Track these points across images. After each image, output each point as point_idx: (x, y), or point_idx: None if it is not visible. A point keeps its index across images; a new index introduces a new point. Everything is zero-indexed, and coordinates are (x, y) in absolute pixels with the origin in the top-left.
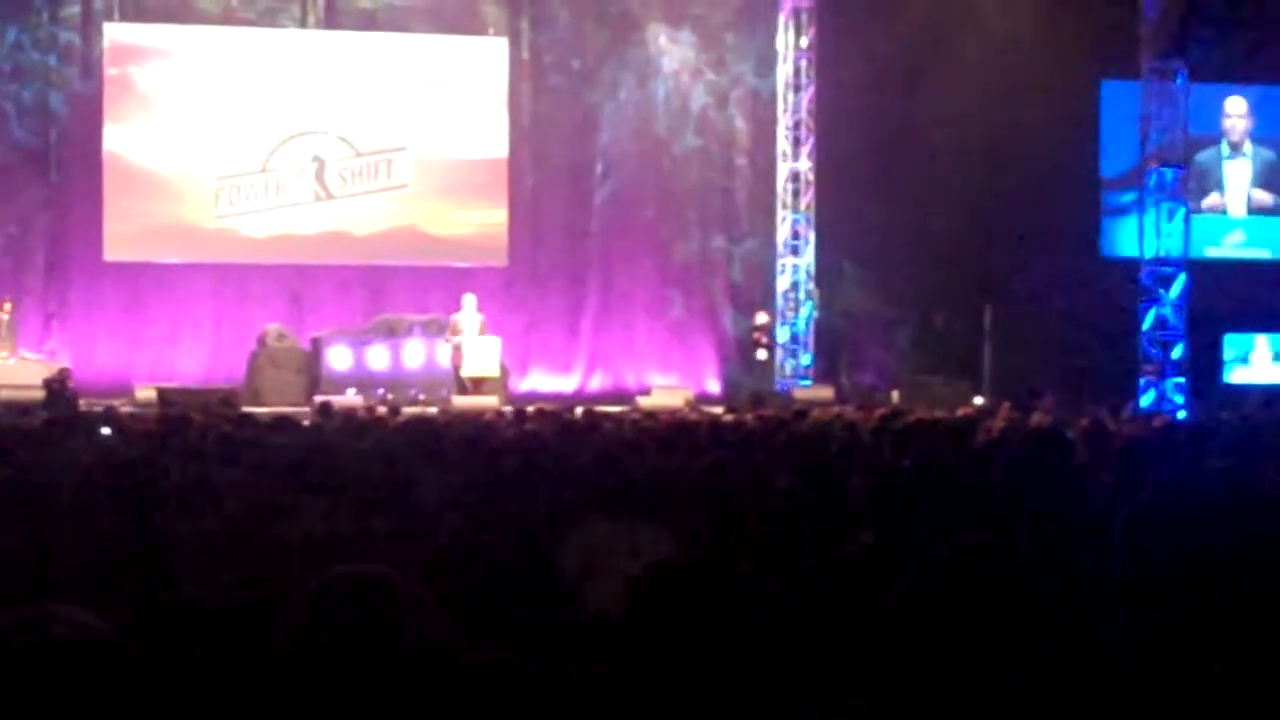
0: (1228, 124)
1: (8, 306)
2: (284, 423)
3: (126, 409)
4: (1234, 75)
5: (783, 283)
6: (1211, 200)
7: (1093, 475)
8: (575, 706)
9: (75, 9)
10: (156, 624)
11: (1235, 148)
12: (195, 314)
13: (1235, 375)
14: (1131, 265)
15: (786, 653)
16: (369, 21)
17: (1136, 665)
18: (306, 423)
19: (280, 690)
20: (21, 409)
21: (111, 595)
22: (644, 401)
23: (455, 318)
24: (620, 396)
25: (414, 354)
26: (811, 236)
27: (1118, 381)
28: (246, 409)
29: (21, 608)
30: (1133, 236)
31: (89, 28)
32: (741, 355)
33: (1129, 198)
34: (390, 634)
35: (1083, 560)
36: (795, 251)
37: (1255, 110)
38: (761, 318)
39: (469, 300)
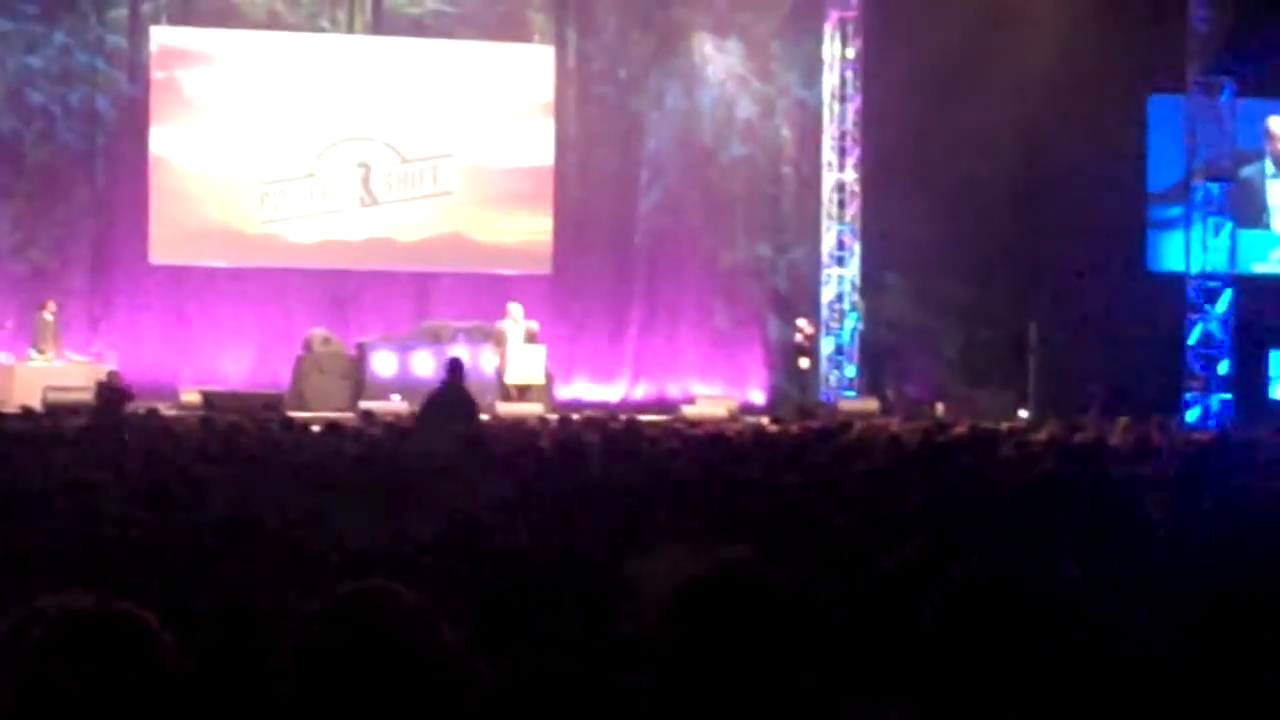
0: (1270, 142)
1: (51, 307)
2: (331, 428)
3: (171, 412)
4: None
5: (828, 294)
6: (1257, 216)
7: (1137, 488)
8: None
9: (123, 11)
10: (184, 625)
11: (1279, 165)
12: (240, 318)
13: None
14: (1177, 280)
15: (828, 664)
16: (415, 28)
17: (1173, 679)
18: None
19: (277, 707)
20: (70, 410)
21: (146, 595)
22: (688, 411)
23: (501, 325)
24: (664, 405)
25: None
26: (856, 247)
27: (1163, 396)
28: (291, 413)
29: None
30: (1179, 251)
31: (136, 31)
32: (786, 365)
33: (1175, 212)
34: (393, 650)
35: (1127, 573)
36: (840, 262)
37: None
38: (803, 323)
39: (515, 308)
